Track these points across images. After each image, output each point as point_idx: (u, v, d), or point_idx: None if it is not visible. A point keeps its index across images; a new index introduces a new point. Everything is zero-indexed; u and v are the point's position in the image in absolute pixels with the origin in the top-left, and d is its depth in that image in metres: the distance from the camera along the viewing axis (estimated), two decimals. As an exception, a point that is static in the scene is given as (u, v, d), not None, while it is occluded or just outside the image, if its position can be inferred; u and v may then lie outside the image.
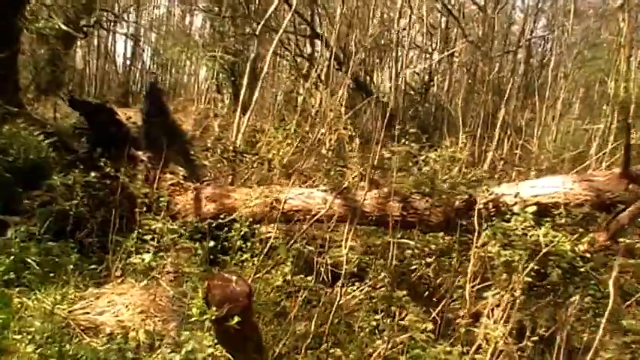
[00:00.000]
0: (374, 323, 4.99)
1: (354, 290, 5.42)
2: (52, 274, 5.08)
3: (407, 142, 7.92)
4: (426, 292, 5.60)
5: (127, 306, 4.83)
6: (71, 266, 5.16)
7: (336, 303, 4.88)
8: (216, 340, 3.54)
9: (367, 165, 6.93)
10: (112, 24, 18.35)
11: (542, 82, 15.46)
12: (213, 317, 3.07)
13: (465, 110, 14.12)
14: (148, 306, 4.86)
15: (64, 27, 12.32)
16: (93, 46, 19.43)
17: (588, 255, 5.09)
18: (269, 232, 6.07)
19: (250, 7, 15.08)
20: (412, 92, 16.04)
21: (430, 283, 5.60)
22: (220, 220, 5.69)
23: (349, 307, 5.37)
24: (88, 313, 4.70)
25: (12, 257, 5.02)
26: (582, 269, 4.97)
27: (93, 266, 5.44)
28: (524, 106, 15.47)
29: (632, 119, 9.82)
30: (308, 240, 5.97)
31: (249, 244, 5.43)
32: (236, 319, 3.05)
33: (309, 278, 5.35)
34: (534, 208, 5.16)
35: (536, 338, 4.22)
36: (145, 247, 5.58)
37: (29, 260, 5.09)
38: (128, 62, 20.51)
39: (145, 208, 5.88)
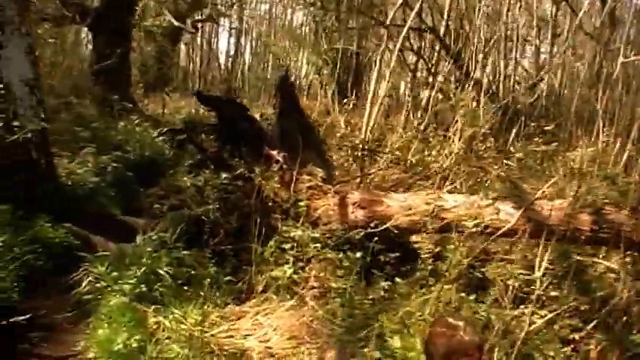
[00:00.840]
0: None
1: (534, 315, 4.52)
2: (186, 288, 4.48)
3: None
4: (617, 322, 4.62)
5: (274, 329, 4.16)
6: (208, 280, 4.51)
7: (524, 332, 4.06)
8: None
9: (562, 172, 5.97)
10: (217, 19, 18.17)
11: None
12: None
13: (585, 107, 12.78)
14: (298, 329, 4.17)
15: (175, 22, 12.07)
16: (196, 43, 19.42)
17: None
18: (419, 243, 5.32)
19: (354, 2, 14.39)
20: (521, 88, 14.84)
21: (627, 311, 4.59)
22: (372, 229, 4.87)
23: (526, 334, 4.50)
24: (232, 336, 4.06)
25: (143, 269, 4.46)
26: None
27: (228, 278, 4.77)
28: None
29: None
30: (467, 253, 5.10)
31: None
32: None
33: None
34: None
35: None
36: (284, 258, 4.92)
37: (161, 272, 4.49)
38: (231, 59, 20.31)
39: (282, 214, 5.22)
